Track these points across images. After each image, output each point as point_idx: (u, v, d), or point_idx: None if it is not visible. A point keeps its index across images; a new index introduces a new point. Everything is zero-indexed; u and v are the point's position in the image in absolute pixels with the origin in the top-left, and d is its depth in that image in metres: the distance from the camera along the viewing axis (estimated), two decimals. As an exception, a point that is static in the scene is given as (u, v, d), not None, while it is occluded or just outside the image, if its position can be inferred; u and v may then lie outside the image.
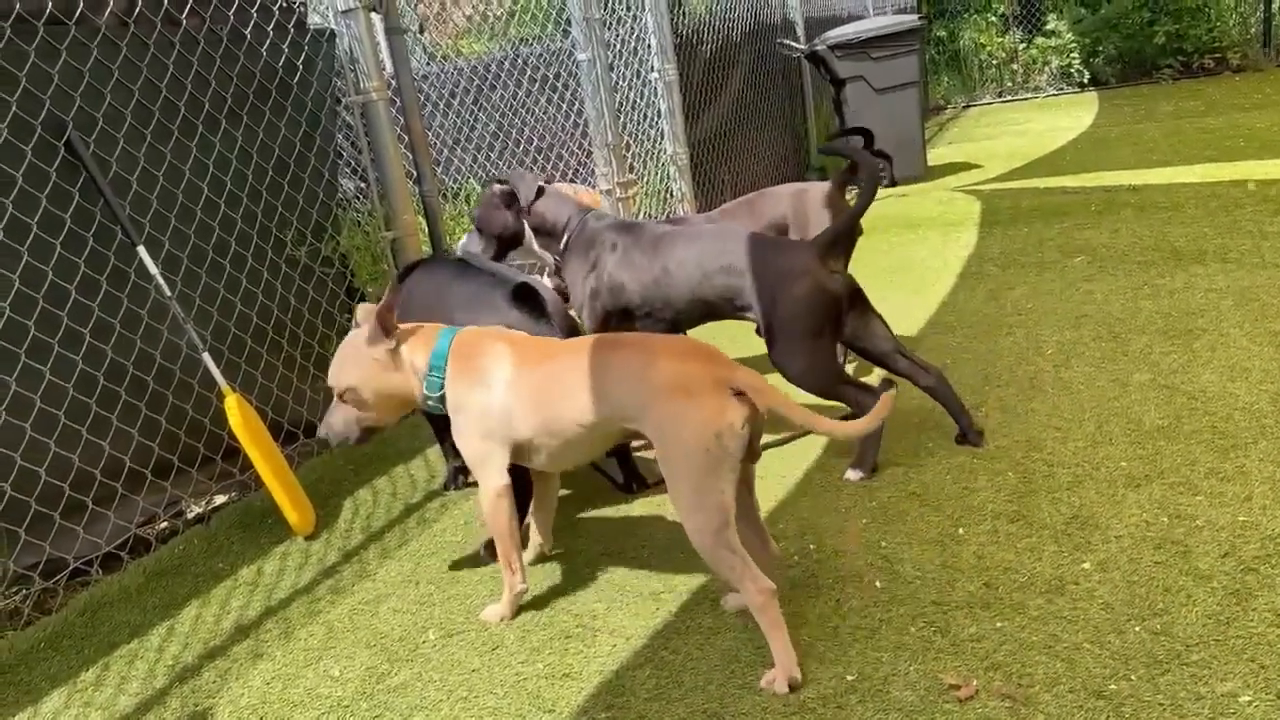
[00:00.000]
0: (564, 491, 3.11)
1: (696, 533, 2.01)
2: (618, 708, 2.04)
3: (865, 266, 5.30)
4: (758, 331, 2.95)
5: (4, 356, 2.85)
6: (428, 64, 7.59)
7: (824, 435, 2.43)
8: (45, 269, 2.97)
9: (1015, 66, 13.27)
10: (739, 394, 2.00)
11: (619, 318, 3.13)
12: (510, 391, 2.25)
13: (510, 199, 3.32)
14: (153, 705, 2.36)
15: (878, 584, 2.32)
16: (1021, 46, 13.23)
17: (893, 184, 7.88)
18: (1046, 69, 13.03)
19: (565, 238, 3.22)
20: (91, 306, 3.10)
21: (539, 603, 2.50)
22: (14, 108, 2.90)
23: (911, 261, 5.33)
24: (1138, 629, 2.00)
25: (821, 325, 2.81)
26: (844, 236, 2.92)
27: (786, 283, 2.81)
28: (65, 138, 3.03)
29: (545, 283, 3.02)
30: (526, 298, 2.72)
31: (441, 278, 2.95)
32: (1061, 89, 12.79)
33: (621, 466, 3.02)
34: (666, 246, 3.03)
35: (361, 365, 2.36)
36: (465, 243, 3.48)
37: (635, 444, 3.00)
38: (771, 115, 8.25)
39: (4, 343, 2.85)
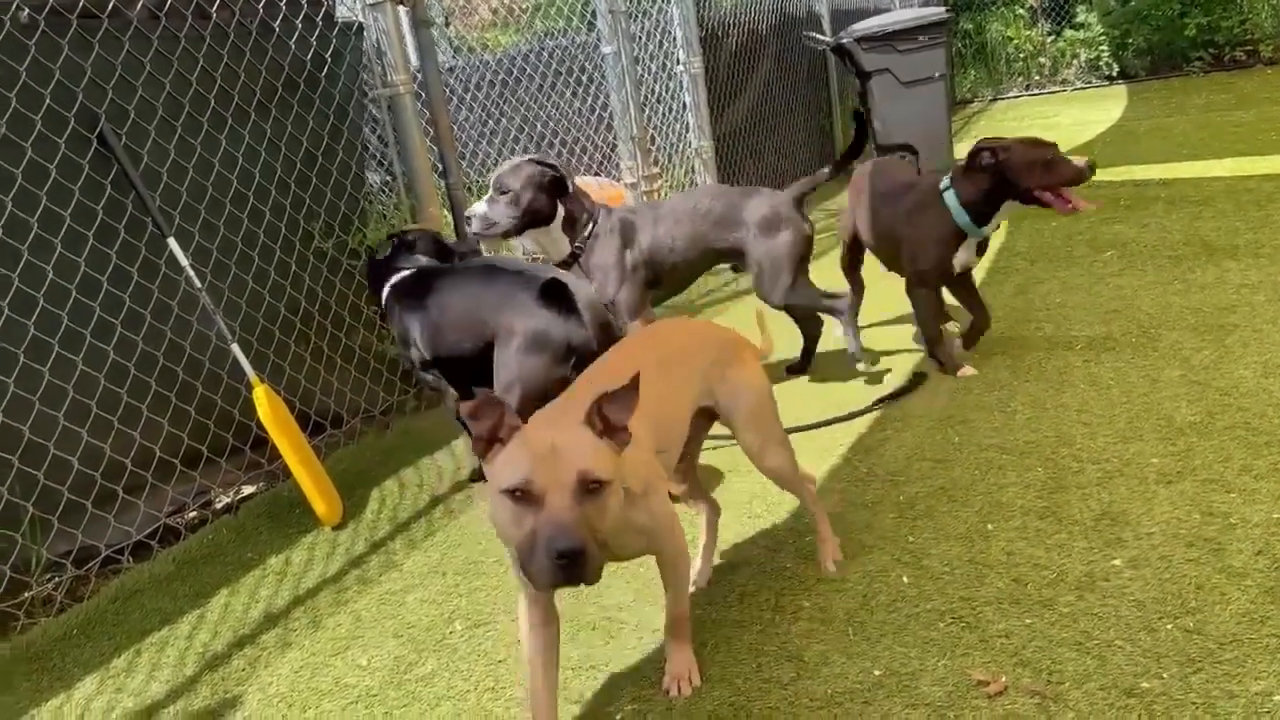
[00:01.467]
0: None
1: (783, 466, 2.30)
2: (643, 700, 2.04)
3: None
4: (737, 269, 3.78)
5: (37, 347, 2.88)
6: (453, 57, 7.60)
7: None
8: (78, 260, 3.00)
9: (1043, 59, 13.14)
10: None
11: (650, 285, 3.63)
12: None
13: (556, 183, 3.44)
14: (183, 692, 2.38)
15: (905, 579, 2.31)
16: (1049, 39, 13.10)
17: (918, 178, 7.82)
18: (1075, 62, 12.89)
19: (590, 227, 3.49)
20: (123, 297, 3.13)
21: (564, 595, 2.50)
22: (47, 100, 2.93)
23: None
24: (1170, 627, 1.98)
25: (799, 258, 3.54)
26: (810, 191, 3.70)
27: (772, 228, 3.53)
28: (97, 130, 3.06)
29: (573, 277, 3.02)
30: (556, 296, 2.72)
31: (472, 284, 2.99)
32: (1090, 82, 12.65)
33: None
34: (683, 214, 3.59)
35: None
36: (485, 210, 3.47)
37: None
38: (797, 109, 8.22)
39: (38, 333, 2.89)
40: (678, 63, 6.22)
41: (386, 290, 3.25)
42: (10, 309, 2.81)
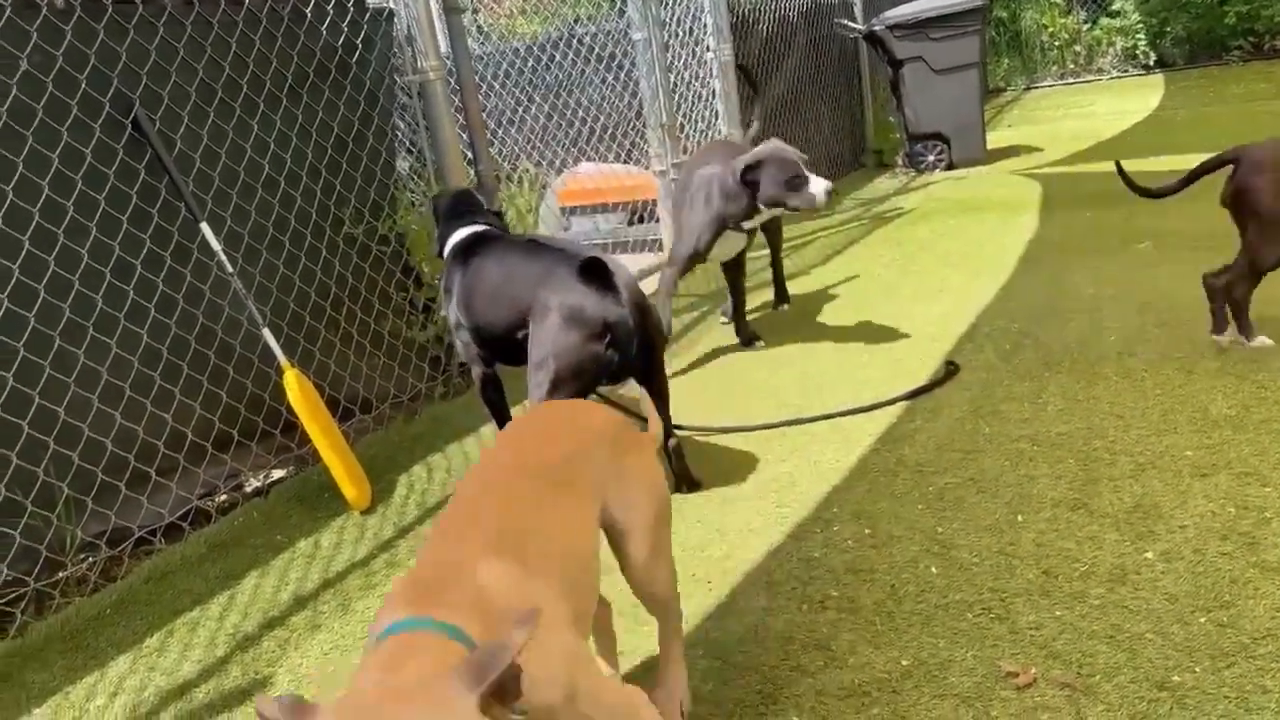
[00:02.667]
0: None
1: (668, 587, 1.86)
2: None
3: (925, 250, 5.24)
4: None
5: (73, 329, 2.92)
6: (482, 44, 7.61)
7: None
8: (112, 244, 3.03)
9: (1078, 48, 12.96)
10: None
11: None
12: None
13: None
14: (214, 672, 2.41)
15: (934, 570, 2.30)
16: (1085, 27, 12.92)
17: (950, 167, 7.76)
18: (1111, 50, 12.71)
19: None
20: (156, 281, 3.16)
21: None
22: (83, 85, 2.96)
23: (971, 245, 5.24)
24: (1203, 620, 1.96)
25: None
26: None
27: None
28: (132, 115, 3.09)
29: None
30: (594, 273, 2.71)
31: (512, 257, 2.94)
32: (1126, 71, 12.47)
33: (674, 467, 2.97)
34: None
35: None
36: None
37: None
38: (827, 96, 8.16)
39: (73, 316, 2.92)
40: (708, 49, 6.19)
41: (449, 248, 3.16)
42: (46, 292, 2.84)
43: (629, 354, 2.68)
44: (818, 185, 3.71)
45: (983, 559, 2.31)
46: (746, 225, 3.90)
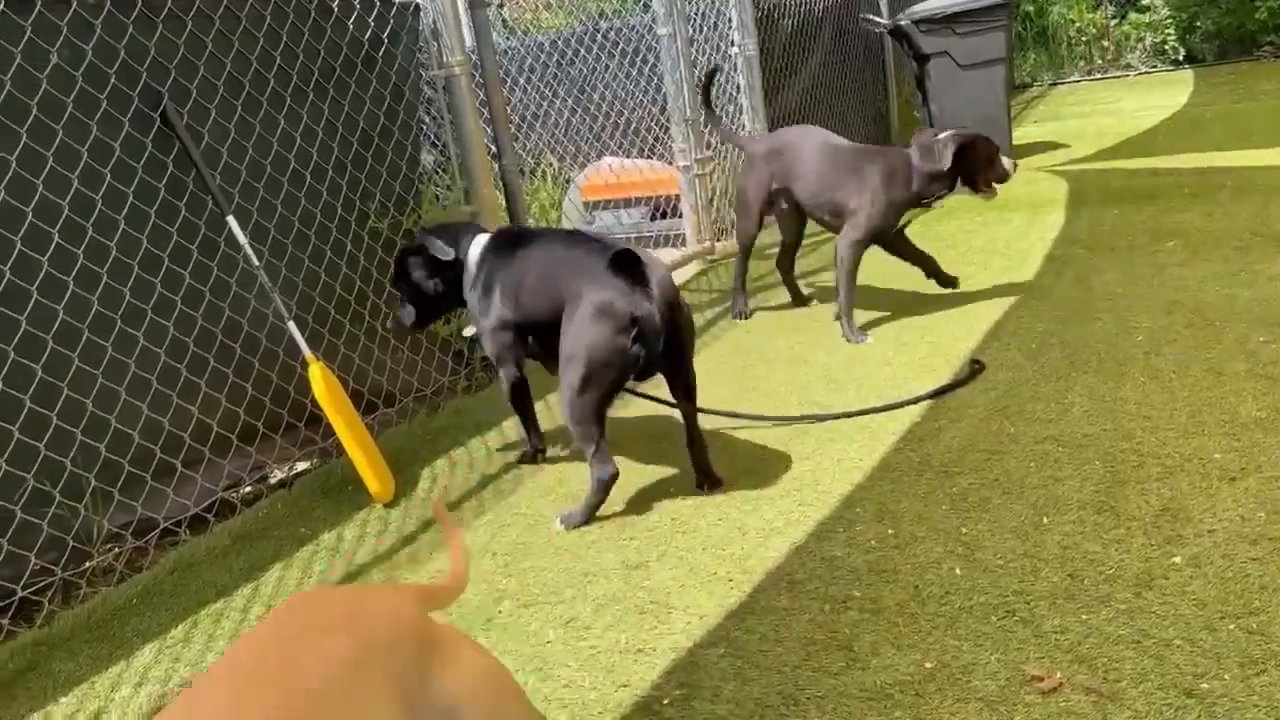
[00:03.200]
0: (638, 466, 3.12)
1: None
2: (692, 685, 2.04)
3: (950, 247, 5.20)
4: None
5: (101, 322, 2.94)
6: (507, 39, 7.61)
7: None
8: (140, 237, 3.05)
9: (1106, 43, 12.84)
10: None
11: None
12: None
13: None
14: (238, 663, 2.42)
15: (958, 571, 2.28)
16: (1113, 22, 12.79)
17: (976, 163, 7.69)
18: (1139, 46, 12.58)
19: None
20: (183, 274, 3.18)
21: (613, 577, 2.51)
22: (113, 79, 2.98)
23: (997, 243, 5.20)
24: (1231, 627, 1.94)
25: None
26: None
27: None
28: (160, 109, 3.11)
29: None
30: (627, 266, 2.67)
31: (555, 247, 2.94)
32: (1155, 66, 12.34)
33: (696, 464, 2.96)
34: None
35: None
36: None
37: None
38: (852, 92, 8.11)
39: (101, 308, 2.95)
40: (732, 44, 6.18)
41: (477, 246, 3.16)
42: (75, 284, 2.87)
43: (655, 350, 2.67)
44: (1007, 163, 3.96)
45: (1007, 561, 2.29)
46: (937, 204, 4.08)
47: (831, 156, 4.16)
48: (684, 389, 2.86)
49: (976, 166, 3.94)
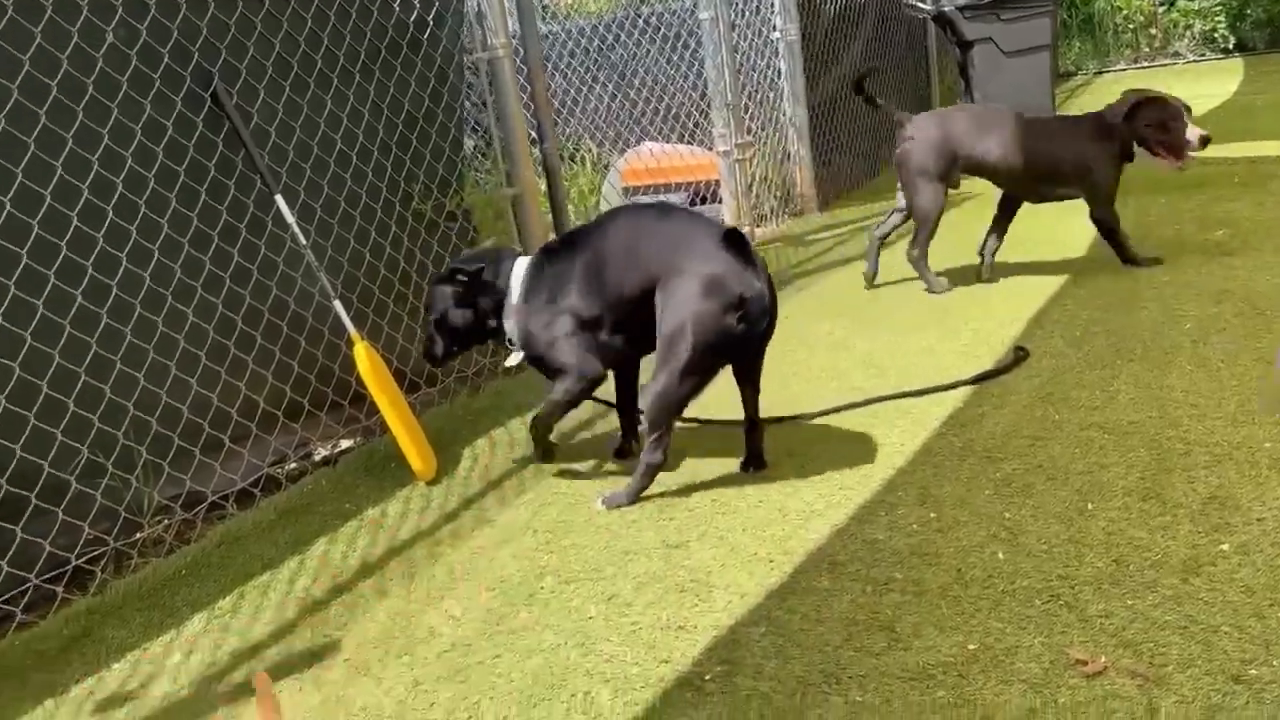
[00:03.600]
0: (677, 446, 3.12)
1: None
2: (733, 662, 2.05)
3: (989, 235, 5.14)
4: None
5: (152, 297, 3.00)
6: (548, 23, 7.62)
7: None
8: (190, 215, 3.10)
9: (1154, 31, 12.62)
10: None
11: None
12: None
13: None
14: (285, 634, 2.47)
15: (1001, 555, 2.28)
16: (1161, 9, 12.57)
17: (1019, 151, 7.61)
18: (1189, 33, 12.35)
19: None
20: (231, 252, 3.23)
21: (653, 555, 2.53)
22: (166, 59, 3.02)
23: (1040, 231, 5.13)
24: (1280, 614, 1.92)
25: None
26: None
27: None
28: (211, 89, 3.15)
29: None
30: (735, 243, 2.62)
31: (645, 221, 2.82)
32: (1204, 55, 12.12)
33: (750, 447, 2.94)
34: None
35: None
36: None
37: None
38: (894, 78, 8.05)
39: (153, 284, 3.00)
40: (774, 29, 6.15)
41: (520, 272, 3.01)
42: (129, 260, 2.92)
43: (758, 332, 2.65)
44: (1193, 132, 3.90)
45: (1051, 546, 2.28)
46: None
47: (1039, 127, 4.26)
48: (753, 380, 2.84)
49: (1156, 131, 3.95)
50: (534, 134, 4.51)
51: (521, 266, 3.01)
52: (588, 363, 2.88)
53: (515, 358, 3.05)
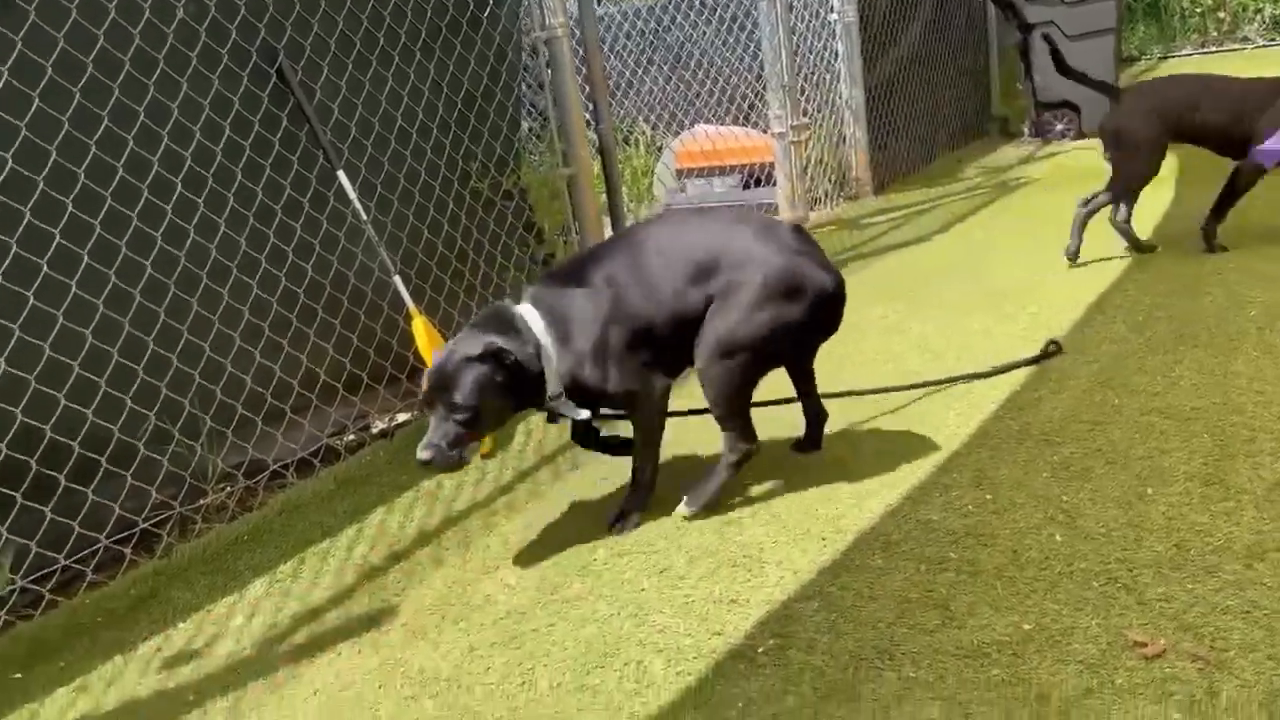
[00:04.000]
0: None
1: None
2: (786, 636, 2.06)
3: (1051, 220, 5.07)
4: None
5: (218, 269, 3.07)
6: (604, 4, 7.62)
7: None
8: (255, 189, 3.17)
9: (1222, 15, 12.28)
10: None
11: None
12: None
13: None
14: (343, 599, 2.53)
15: (1058, 538, 2.26)
16: (1231, -7, 12.23)
17: (1080, 137, 7.48)
18: (1258, 18, 12.00)
19: None
20: (295, 226, 3.29)
21: (705, 530, 2.54)
22: (233, 35, 3.08)
23: (1101, 217, 5.05)
24: (1347, 602, 1.88)
25: None
26: None
27: None
28: (276, 65, 3.21)
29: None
30: (803, 236, 2.59)
31: (689, 222, 2.65)
32: (1274, 40, 11.77)
33: (810, 434, 2.92)
34: None
35: None
36: None
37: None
38: (953, 61, 7.93)
39: (219, 256, 3.07)
40: (832, 11, 6.10)
41: (539, 316, 2.52)
42: (196, 232, 2.99)
43: (831, 328, 2.62)
44: None
45: (1110, 530, 2.25)
46: None
47: (1240, 89, 4.20)
48: (808, 373, 2.82)
49: None
50: (589, 115, 4.52)
51: (533, 314, 2.52)
52: (650, 378, 2.57)
53: (576, 413, 2.57)
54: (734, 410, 2.58)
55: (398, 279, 3.36)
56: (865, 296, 4.38)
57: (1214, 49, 12.15)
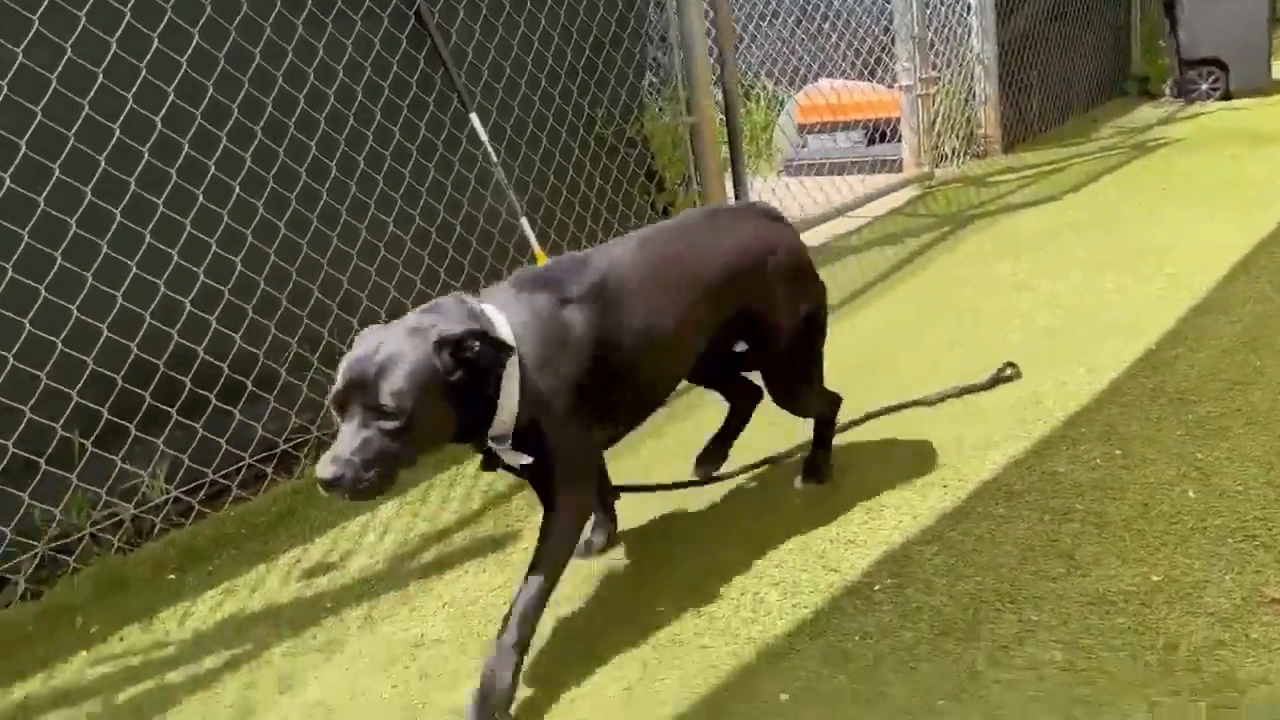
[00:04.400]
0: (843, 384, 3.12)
1: None
2: (904, 576, 2.07)
3: (1192, 181, 4.87)
4: None
5: (356, 205, 3.18)
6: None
7: None
8: (393, 129, 3.27)
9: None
10: None
11: None
12: None
13: None
14: (470, 522, 2.63)
15: (1191, 494, 2.20)
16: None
17: (1227, 97, 7.11)
18: None
19: None
20: (428, 167, 3.39)
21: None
22: (376, -23, 3.18)
23: (1244, 180, 4.82)
24: None
25: None
26: None
27: None
28: (415, 7, 3.30)
29: None
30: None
31: (693, 228, 2.31)
32: None
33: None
34: None
35: None
36: None
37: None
38: (1091, 15, 7.60)
39: (359, 193, 3.18)
40: (966, -39, 5.92)
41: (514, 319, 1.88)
42: (337, 169, 3.11)
43: None
44: None
45: (1247, 488, 2.18)
46: None
47: None
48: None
49: None
50: (714, 62, 4.51)
51: (501, 320, 1.86)
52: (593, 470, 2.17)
53: (520, 459, 1.92)
54: (819, 382, 2.49)
55: (524, 221, 3.43)
56: (991, 252, 4.30)
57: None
